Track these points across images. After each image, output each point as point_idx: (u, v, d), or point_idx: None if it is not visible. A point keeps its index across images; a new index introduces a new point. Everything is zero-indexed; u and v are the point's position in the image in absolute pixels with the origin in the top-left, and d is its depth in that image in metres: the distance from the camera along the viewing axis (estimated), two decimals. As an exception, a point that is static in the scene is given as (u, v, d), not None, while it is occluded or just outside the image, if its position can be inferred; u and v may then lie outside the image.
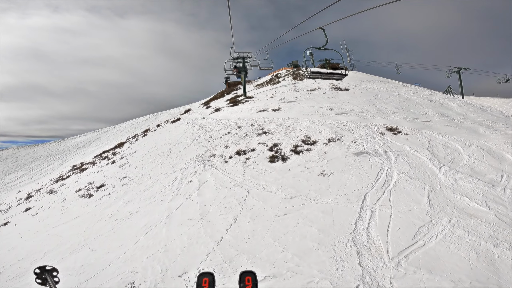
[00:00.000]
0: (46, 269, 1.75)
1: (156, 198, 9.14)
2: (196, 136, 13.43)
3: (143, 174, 11.48)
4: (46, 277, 1.74)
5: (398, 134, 9.60)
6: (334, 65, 31.73)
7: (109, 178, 12.10)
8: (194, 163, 10.49)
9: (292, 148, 9.25)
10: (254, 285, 1.29)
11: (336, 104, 13.01)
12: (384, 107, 12.41)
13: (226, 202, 7.65)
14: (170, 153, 12.64)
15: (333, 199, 6.81)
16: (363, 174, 7.54)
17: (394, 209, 6.05)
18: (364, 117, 11.09)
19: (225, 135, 11.84)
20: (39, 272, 1.74)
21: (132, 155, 14.90)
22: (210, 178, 8.98)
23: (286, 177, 7.88)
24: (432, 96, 16.46)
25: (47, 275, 1.74)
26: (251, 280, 1.30)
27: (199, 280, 1.30)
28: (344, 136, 9.52)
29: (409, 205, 6.14)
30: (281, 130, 10.72)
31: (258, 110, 14.45)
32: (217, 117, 16.26)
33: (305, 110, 12.67)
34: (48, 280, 1.72)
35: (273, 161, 8.75)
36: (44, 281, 1.74)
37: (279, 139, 9.95)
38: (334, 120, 10.96)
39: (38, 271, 1.74)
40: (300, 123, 11.04)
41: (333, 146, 8.96)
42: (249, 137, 10.76)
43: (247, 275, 1.32)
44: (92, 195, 10.78)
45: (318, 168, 7.96)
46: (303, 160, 8.49)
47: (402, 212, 5.92)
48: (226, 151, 10.28)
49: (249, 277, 1.31)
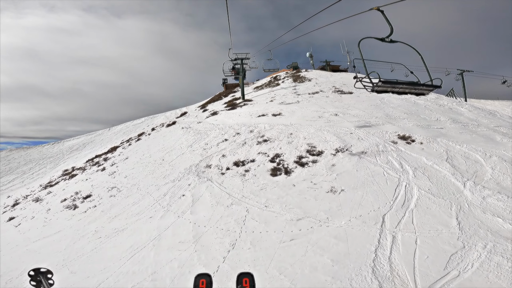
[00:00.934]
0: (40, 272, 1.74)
1: (145, 214, 8.23)
2: (191, 142, 12.50)
3: (133, 185, 10.56)
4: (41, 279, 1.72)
5: (412, 143, 8.75)
6: (335, 67, 30.86)
7: (97, 188, 11.20)
8: (187, 174, 9.56)
9: (296, 159, 8.35)
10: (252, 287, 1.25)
11: (341, 109, 12.15)
12: (393, 112, 11.57)
13: (223, 223, 6.74)
14: (162, 162, 11.71)
15: (347, 222, 5.93)
16: (378, 191, 6.66)
17: (420, 234, 5.27)
18: (373, 123, 10.23)
19: (222, 142, 10.91)
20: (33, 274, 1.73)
21: (123, 162, 14.00)
22: (205, 193, 8.05)
23: (291, 194, 6.97)
24: (439, 100, 15.69)
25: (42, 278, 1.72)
26: (249, 282, 1.26)
27: (196, 281, 1.29)
28: (353, 145, 8.65)
29: (437, 228, 5.37)
30: (283, 138, 9.82)
31: (257, 115, 13.55)
32: (213, 121, 15.34)
33: (308, 115, 11.79)
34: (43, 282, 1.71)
35: (275, 175, 7.84)
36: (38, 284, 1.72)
37: (281, 149, 9.05)
38: (340, 127, 10.08)
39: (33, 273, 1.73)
40: (304, 130, 10.14)
41: (342, 157, 8.07)
42: (248, 146, 9.84)
43: (245, 277, 1.27)
44: (77, 207, 9.89)
45: (327, 184, 7.07)
46: (309, 173, 7.59)
47: (429, 237, 5.13)
48: (223, 161, 9.36)
49: (246, 279, 1.27)
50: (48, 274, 1.80)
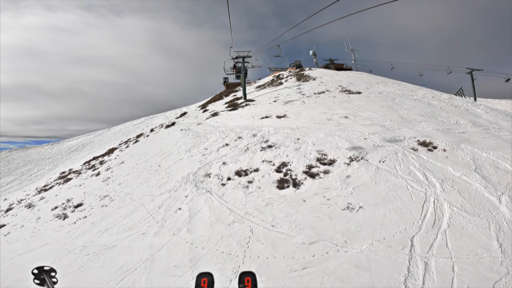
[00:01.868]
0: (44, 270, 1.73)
1: (137, 229, 7.46)
2: (189, 147, 11.65)
3: (126, 194, 9.81)
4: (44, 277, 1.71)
5: (434, 150, 7.85)
6: (339, 65, 29.94)
7: (89, 196, 10.52)
8: (185, 184, 8.73)
9: (305, 169, 7.47)
10: (254, 286, 1.24)
11: (351, 111, 11.23)
12: (408, 114, 10.65)
13: (223, 245, 5.91)
14: (159, 168, 10.90)
15: (368, 246, 5.08)
16: (403, 208, 5.78)
17: (457, 259, 4.54)
18: (388, 127, 9.32)
19: (223, 147, 10.04)
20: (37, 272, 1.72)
21: (118, 167, 13.29)
22: (204, 207, 7.21)
23: (301, 211, 6.10)
24: (453, 100, 14.78)
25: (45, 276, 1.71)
26: (251, 281, 1.25)
27: (198, 280, 1.27)
28: (368, 153, 7.75)
29: (476, 252, 4.63)
30: (289, 143, 8.93)
31: (260, 117, 12.66)
32: (214, 123, 14.49)
33: (316, 118, 10.89)
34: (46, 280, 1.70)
35: (283, 187, 6.96)
36: (42, 282, 1.71)
37: (288, 156, 8.16)
38: (352, 131, 9.18)
39: (36, 272, 1.72)
40: (312, 135, 9.25)
41: (357, 167, 7.18)
42: (251, 152, 8.96)
43: (247, 276, 1.26)
44: (67, 217, 9.30)
45: (342, 200, 6.19)
46: (321, 186, 6.72)
47: (468, 263, 4.42)
48: (223, 169, 8.49)
49: (248, 278, 1.25)
50: (52, 272, 1.78)
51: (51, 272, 1.80)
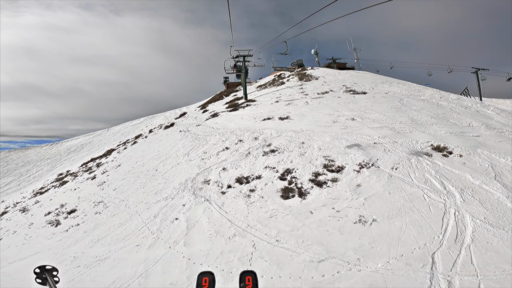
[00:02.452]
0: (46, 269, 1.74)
1: (131, 240, 6.99)
2: (188, 150, 11.13)
3: (121, 200, 9.33)
4: (46, 276, 1.71)
5: (450, 156, 7.32)
6: (341, 64, 29.39)
7: (83, 201, 10.09)
8: (182, 191, 8.23)
9: (311, 176, 6.94)
10: (255, 285, 1.24)
11: (358, 112, 10.69)
12: (418, 116, 10.10)
13: (223, 262, 5.40)
14: (155, 173, 10.40)
15: (384, 264, 4.58)
16: (421, 221, 5.26)
17: (483, 277, 4.14)
18: (399, 130, 8.78)
19: (223, 151, 9.51)
20: (39, 271, 1.72)
21: (115, 170, 12.85)
22: (202, 218, 6.70)
23: (308, 224, 5.57)
24: (462, 101, 14.25)
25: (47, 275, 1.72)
26: (252, 280, 1.25)
27: (199, 279, 1.27)
28: (379, 159, 7.22)
29: (503, 268, 4.24)
30: (293, 148, 8.40)
31: (261, 118, 12.12)
32: (214, 124, 13.97)
33: (321, 120, 10.34)
34: (48, 279, 1.70)
35: (287, 197, 6.43)
36: (44, 281, 1.72)
37: (293, 162, 7.63)
38: (360, 134, 8.63)
39: (38, 271, 1.73)
40: (318, 139, 8.70)
41: (368, 175, 6.65)
42: (253, 157, 8.43)
43: (248, 275, 1.27)
44: (60, 223, 8.73)
45: (353, 212, 5.66)
46: (329, 196, 6.19)
47: (496, 281, 4.05)
48: (223, 176, 7.97)
49: (249, 277, 1.26)
50: (54, 271, 1.77)
51: (53, 271, 1.78)
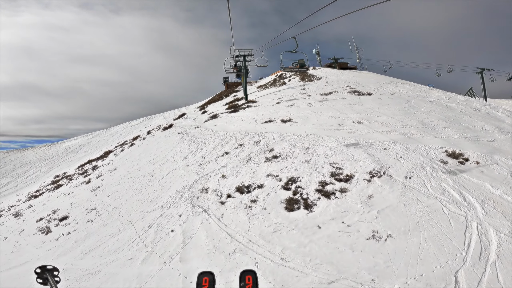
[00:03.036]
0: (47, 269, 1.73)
1: (124, 252, 6.52)
2: (185, 154, 10.61)
3: (115, 208, 8.87)
4: (47, 276, 1.70)
5: (467, 163, 6.79)
6: (343, 64, 28.89)
7: (76, 208, 9.69)
8: (179, 200, 7.72)
9: (318, 186, 6.40)
10: (255, 284, 1.24)
11: (364, 115, 10.15)
12: (428, 119, 9.56)
13: (223, 282, 4.91)
14: (151, 178, 9.90)
15: (402, 285, 4.12)
16: (441, 236, 4.74)
17: None
18: (410, 135, 8.24)
19: (222, 156, 8.98)
20: (40, 272, 1.71)
21: (109, 174, 12.38)
22: (200, 231, 6.19)
23: (316, 241, 5.04)
24: (470, 102, 13.75)
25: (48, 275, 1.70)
26: (252, 279, 1.25)
27: (199, 279, 1.26)
28: (391, 167, 6.68)
29: None
30: (297, 153, 7.85)
31: (263, 120, 11.58)
32: (213, 126, 13.44)
33: (326, 123, 9.80)
34: (49, 279, 1.69)
35: (292, 209, 5.90)
36: (45, 281, 1.71)
37: (297, 170, 7.08)
38: (369, 139, 8.09)
39: (39, 271, 1.71)
40: (323, 144, 8.15)
41: (380, 184, 6.12)
42: (254, 163, 7.89)
43: (248, 274, 1.26)
44: (51, 231, 8.27)
45: (366, 226, 5.13)
46: (338, 209, 5.66)
47: None
48: (222, 184, 7.44)
49: (249, 276, 1.25)
50: (55, 271, 1.75)
51: (54, 271, 1.76)
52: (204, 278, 1.25)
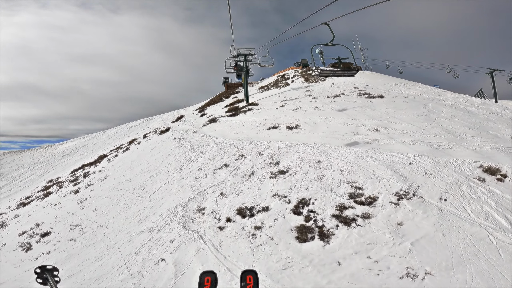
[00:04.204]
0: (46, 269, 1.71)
1: (107, 282, 6.06)
2: (181, 164, 9.62)
3: (100, 226, 8.01)
4: (47, 276, 1.68)
5: (506, 180, 5.78)
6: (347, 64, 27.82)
7: (60, 222, 8.48)
8: (171, 221, 6.75)
9: (335, 211, 5.37)
10: (255, 284, 1.22)
11: (380, 121, 9.12)
12: (452, 126, 8.55)
13: None
14: (142, 192, 8.95)
15: None
16: (491, 271, 3.79)
17: None
18: (436, 145, 7.23)
19: (221, 169, 7.97)
20: (39, 271, 1.69)
21: (99, 184, 11.51)
22: (195, 263, 5.22)
23: (336, 281, 4.04)
24: (488, 105, 12.75)
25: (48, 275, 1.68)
26: (253, 279, 1.22)
27: (201, 278, 1.23)
28: (421, 186, 5.67)
29: None
30: (308, 168, 6.83)
31: (266, 126, 10.56)
32: (211, 132, 12.45)
33: (338, 130, 8.78)
34: (49, 279, 1.67)
35: (305, 239, 4.89)
36: (44, 281, 1.68)
37: (309, 190, 6.06)
38: (390, 151, 7.04)
39: (39, 271, 1.69)
40: (337, 157, 7.12)
41: (411, 209, 5.11)
42: (258, 179, 6.88)
43: (249, 274, 1.23)
44: (31, 248, 7.44)
45: (397, 262, 4.13)
46: (362, 240, 4.65)
47: None
48: (221, 204, 6.43)
49: (250, 276, 1.23)
50: (54, 271, 1.73)
51: (54, 271, 1.71)
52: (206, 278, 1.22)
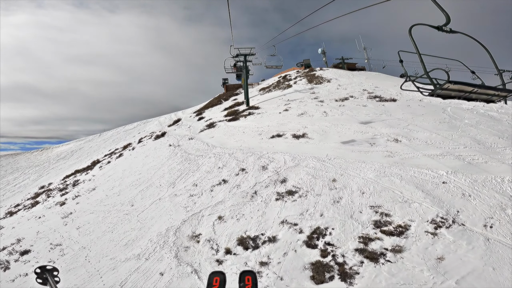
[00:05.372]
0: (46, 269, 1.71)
1: None
2: (174, 177, 8.62)
3: (82, 248, 7.31)
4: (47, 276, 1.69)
5: (561, 205, 4.78)
6: (351, 65, 26.71)
7: (41, 239, 7.69)
8: (161, 248, 5.77)
9: (358, 243, 4.35)
10: (254, 285, 1.21)
11: (399, 129, 8.10)
12: (480, 135, 7.53)
13: None
14: (130, 210, 8.02)
15: None
16: None
17: None
18: (469, 159, 6.22)
19: (219, 185, 6.95)
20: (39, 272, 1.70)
21: (87, 196, 10.67)
22: (186, 311, 4.19)
23: None
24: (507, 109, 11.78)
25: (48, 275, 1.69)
26: (251, 280, 1.22)
27: (210, 279, 1.23)
28: (460, 210, 4.68)
29: None
30: (321, 188, 5.80)
31: (269, 135, 9.55)
32: (209, 139, 11.46)
33: (352, 140, 7.74)
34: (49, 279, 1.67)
35: (322, 280, 3.89)
36: (44, 281, 1.69)
37: (324, 216, 5.03)
38: (417, 167, 5.98)
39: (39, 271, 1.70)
40: (355, 174, 6.07)
41: (452, 239, 4.11)
42: (262, 201, 5.86)
43: (247, 275, 1.24)
44: (9, 268, 6.75)
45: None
46: (394, 280, 3.62)
47: None
48: (219, 230, 5.42)
49: (249, 277, 1.23)
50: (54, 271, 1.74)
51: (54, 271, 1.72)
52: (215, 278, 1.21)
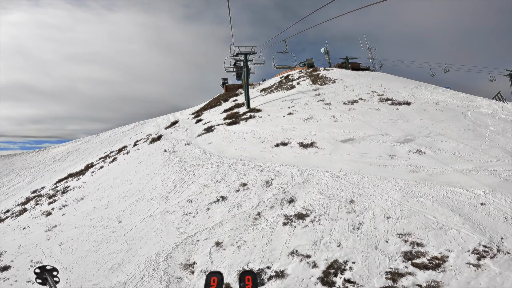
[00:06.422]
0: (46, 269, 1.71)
1: None
2: (167, 190, 7.77)
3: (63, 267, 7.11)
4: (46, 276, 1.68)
5: None
6: (355, 64, 25.95)
7: (22, 254, 7.05)
8: (150, 278, 4.98)
9: (385, 281, 3.39)
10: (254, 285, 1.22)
11: (421, 138, 7.18)
12: (510, 145, 6.68)
13: None
14: (118, 227, 7.28)
15: None
16: None
17: None
18: (505, 176, 5.33)
19: (216, 202, 6.08)
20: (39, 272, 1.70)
21: (74, 207, 10.21)
22: None
23: None
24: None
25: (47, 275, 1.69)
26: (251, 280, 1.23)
27: (207, 279, 1.23)
28: (504, 237, 3.73)
29: None
30: (336, 211, 4.90)
31: (273, 142, 8.66)
32: (206, 145, 10.63)
33: (368, 152, 6.79)
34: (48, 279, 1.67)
35: None
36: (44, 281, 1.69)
37: (342, 246, 4.15)
38: (449, 185, 5.01)
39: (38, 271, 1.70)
40: (376, 193, 5.15)
41: (498, 271, 3.16)
42: (267, 225, 4.98)
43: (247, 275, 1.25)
44: None
45: None
46: None
47: None
48: (217, 259, 4.57)
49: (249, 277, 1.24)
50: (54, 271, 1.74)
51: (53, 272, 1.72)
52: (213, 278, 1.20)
